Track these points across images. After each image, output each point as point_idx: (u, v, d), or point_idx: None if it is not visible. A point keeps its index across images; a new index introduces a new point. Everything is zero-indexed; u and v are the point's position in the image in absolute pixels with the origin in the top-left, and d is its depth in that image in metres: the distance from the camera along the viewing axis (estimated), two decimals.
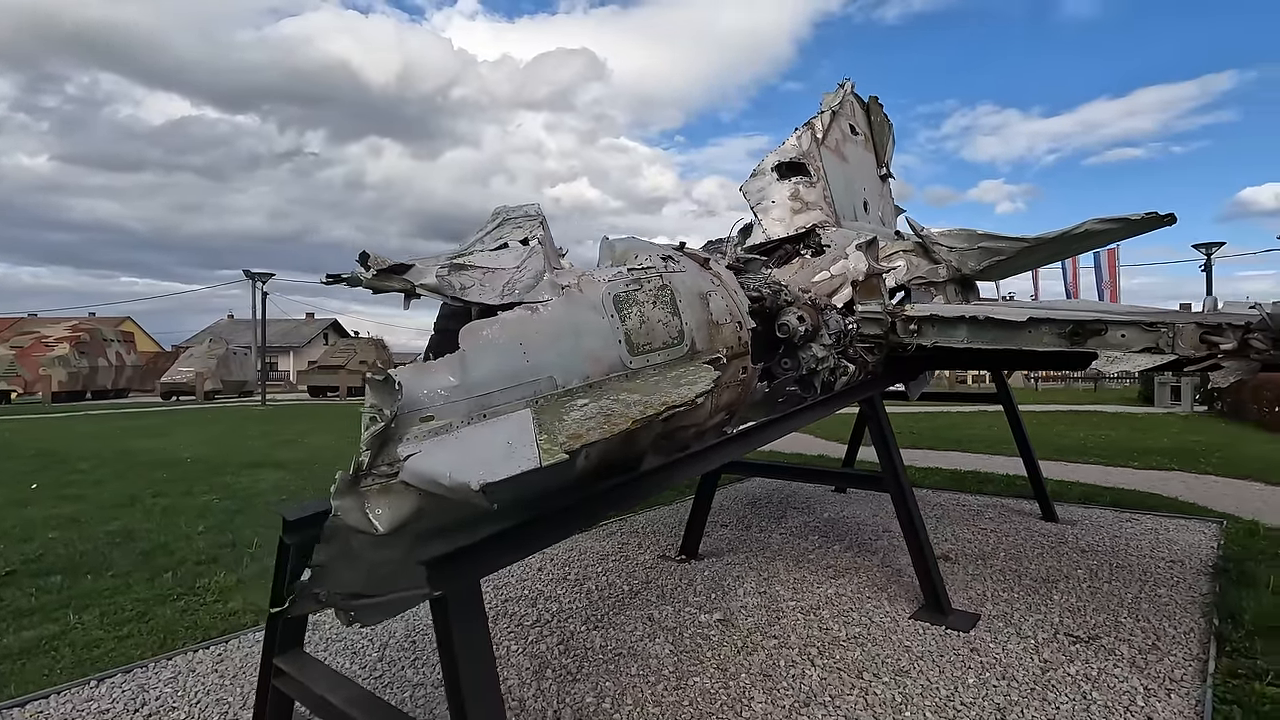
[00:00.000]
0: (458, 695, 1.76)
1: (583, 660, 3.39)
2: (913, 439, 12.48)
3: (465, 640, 1.81)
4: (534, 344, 2.09)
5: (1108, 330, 3.40)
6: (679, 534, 5.59)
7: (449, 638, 1.80)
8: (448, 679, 1.82)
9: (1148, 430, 13.67)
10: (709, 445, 2.98)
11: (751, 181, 5.53)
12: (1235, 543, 5.32)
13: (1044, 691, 3.05)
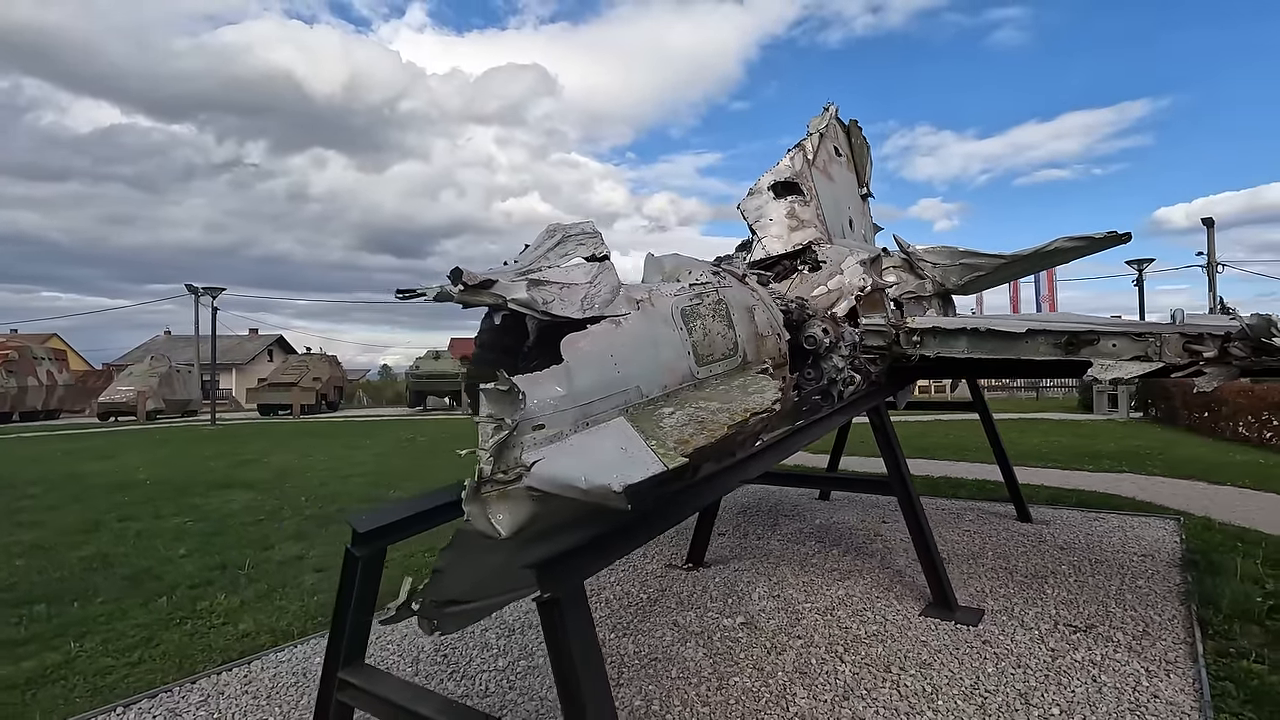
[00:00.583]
0: (577, 696, 1.83)
1: (620, 666, 3.46)
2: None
3: (581, 641, 1.89)
4: (622, 356, 2.19)
5: (1100, 340, 3.69)
6: (677, 543, 5.70)
7: (564, 640, 1.87)
8: (563, 680, 1.88)
9: (1093, 436, 14.48)
10: (752, 453, 3.12)
11: (749, 200, 5.74)
12: (1195, 537, 5.75)
13: (1057, 677, 3.28)
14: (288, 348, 56.74)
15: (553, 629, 1.89)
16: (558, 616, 1.88)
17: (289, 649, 3.87)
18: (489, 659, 3.63)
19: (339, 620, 2.55)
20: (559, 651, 1.89)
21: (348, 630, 2.53)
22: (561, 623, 1.88)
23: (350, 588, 2.53)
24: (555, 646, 1.90)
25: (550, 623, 1.90)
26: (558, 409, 1.93)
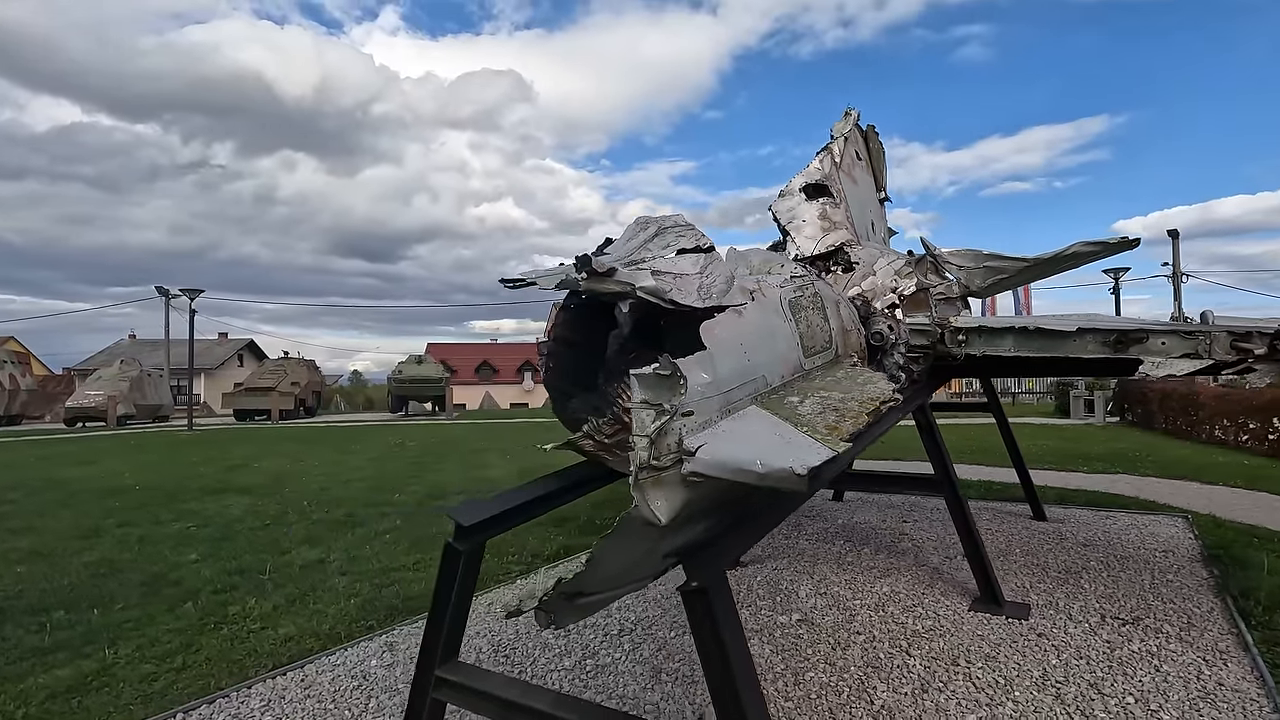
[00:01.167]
0: (730, 685, 1.81)
1: (689, 664, 3.44)
2: (883, 449, 13.08)
3: (730, 630, 1.87)
4: (749, 345, 2.19)
5: (1149, 339, 3.79)
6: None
7: (716, 629, 1.85)
8: (714, 670, 1.86)
9: (1076, 440, 14.84)
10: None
11: (780, 201, 5.78)
12: (1208, 534, 5.91)
13: (1121, 667, 3.34)
14: (259, 352, 55.52)
15: (702, 618, 1.87)
16: (707, 605, 1.86)
17: (340, 652, 3.77)
18: (553, 658, 3.57)
19: (437, 615, 2.49)
20: (710, 641, 1.86)
21: (446, 626, 2.47)
22: (711, 611, 1.86)
23: (451, 582, 2.47)
24: (706, 636, 1.87)
25: (699, 612, 1.88)
26: (704, 396, 1.92)
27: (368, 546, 6.15)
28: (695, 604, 1.88)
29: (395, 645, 3.82)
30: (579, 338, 3.35)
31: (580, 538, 6.20)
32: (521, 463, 12.11)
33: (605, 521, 6.76)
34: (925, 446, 4.50)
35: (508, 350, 61.80)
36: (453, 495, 8.70)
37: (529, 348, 63.18)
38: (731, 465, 1.68)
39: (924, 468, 10.13)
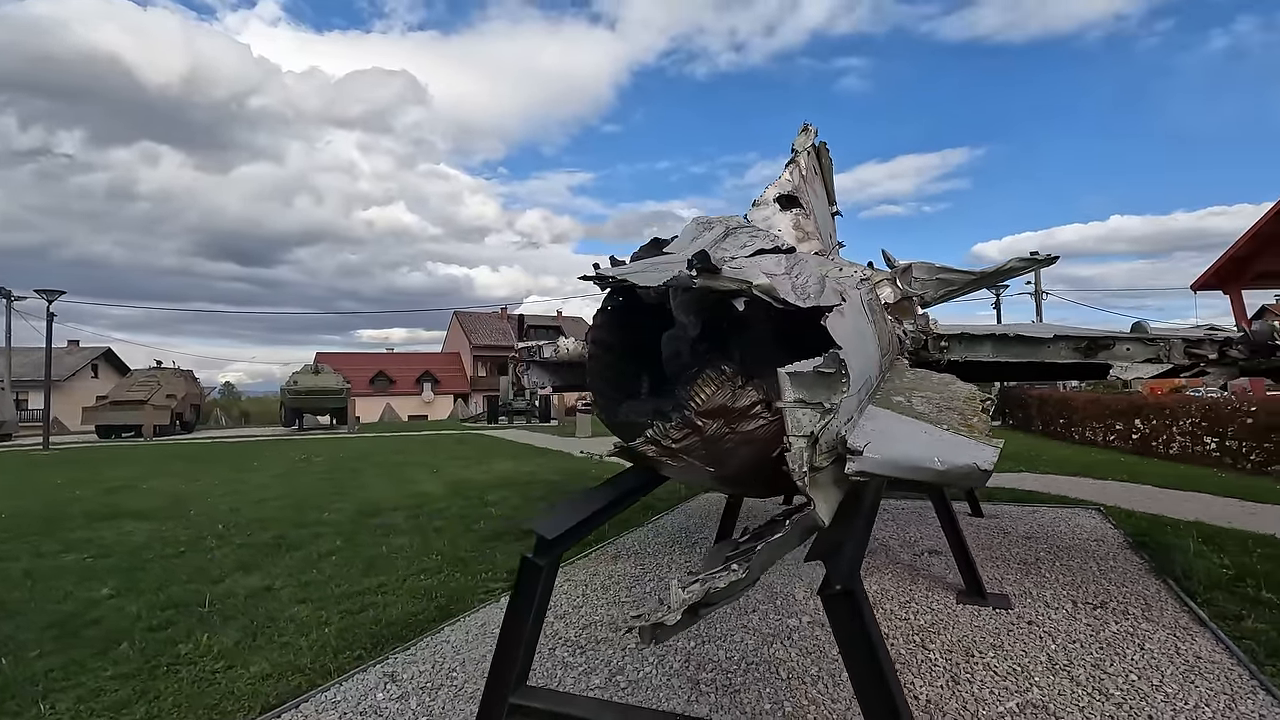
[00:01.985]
0: (883, 687, 1.78)
1: (722, 672, 3.38)
2: None
3: (876, 631, 1.84)
4: (853, 345, 2.18)
5: (1116, 345, 4.16)
6: (686, 553, 5.69)
7: (863, 630, 1.81)
8: (864, 672, 1.82)
9: None
10: None
11: (755, 211, 5.88)
12: (1124, 523, 6.55)
13: (1110, 648, 3.61)
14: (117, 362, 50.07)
15: (849, 621, 1.83)
16: (855, 607, 1.82)
17: (335, 688, 3.41)
18: (579, 676, 3.40)
19: (513, 636, 2.30)
20: (860, 643, 1.82)
21: (522, 649, 2.28)
22: (860, 613, 1.82)
23: (530, 600, 2.29)
24: (854, 638, 1.83)
25: (845, 615, 1.83)
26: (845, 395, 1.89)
27: (315, 570, 5.64)
28: (841, 607, 1.84)
29: (397, 675, 3.51)
30: (615, 340, 3.24)
31: None
32: (449, 476, 11.60)
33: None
34: None
35: (404, 360, 59.20)
36: (388, 512, 8.16)
37: (427, 357, 60.82)
38: (905, 463, 1.66)
39: None
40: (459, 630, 4.12)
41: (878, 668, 1.79)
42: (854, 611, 1.82)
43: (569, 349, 5.15)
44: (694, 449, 2.68)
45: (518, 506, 8.27)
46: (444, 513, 8.01)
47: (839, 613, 1.85)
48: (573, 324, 60.41)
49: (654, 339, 3.44)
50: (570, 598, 4.65)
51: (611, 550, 6.00)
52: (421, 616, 4.39)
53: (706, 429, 2.60)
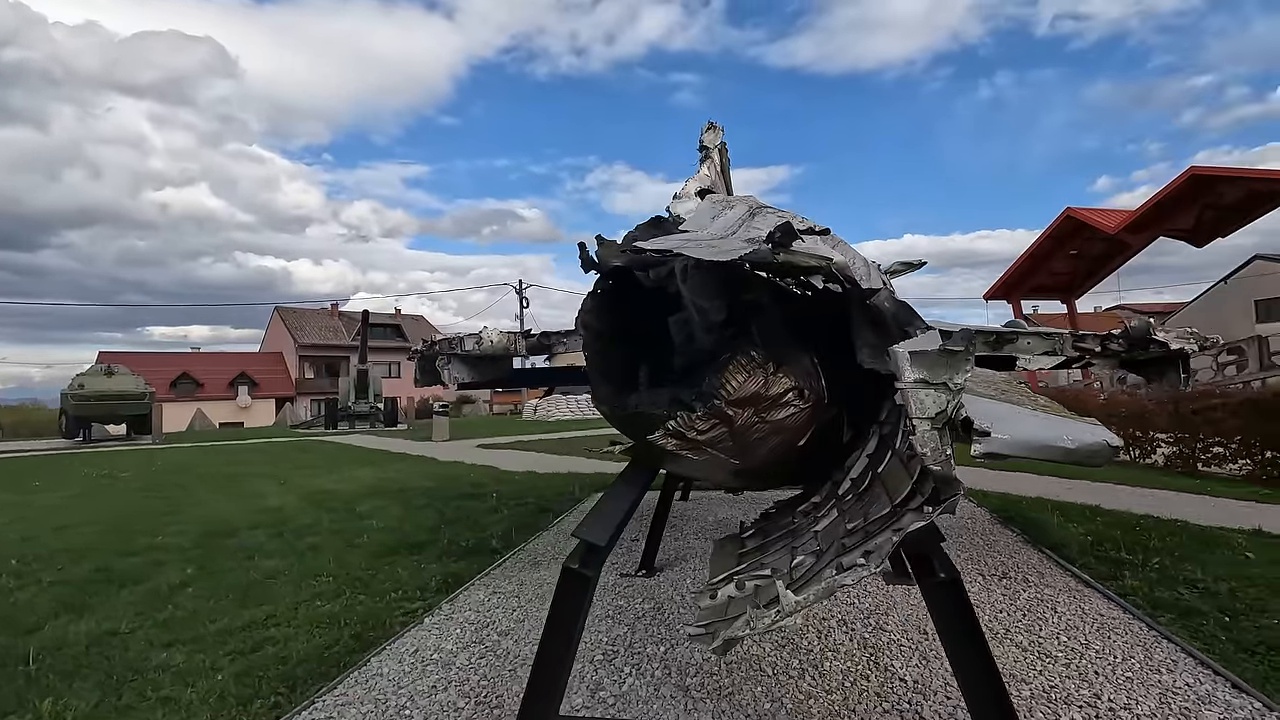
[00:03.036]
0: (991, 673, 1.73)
1: (710, 675, 3.24)
2: None
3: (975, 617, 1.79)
4: None
5: (1019, 339, 4.60)
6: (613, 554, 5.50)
7: (969, 617, 1.76)
8: (971, 660, 1.76)
9: None
10: None
11: (678, 204, 5.77)
12: (984, 501, 7.34)
13: (1033, 613, 3.96)
14: None
15: (956, 608, 1.77)
16: (960, 594, 1.77)
17: None
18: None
19: (554, 659, 1.99)
20: (967, 630, 1.77)
21: (566, 672, 1.99)
22: (965, 602, 1.77)
23: (576, 615, 2.00)
24: (959, 626, 1.78)
25: (952, 603, 1.78)
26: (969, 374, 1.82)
27: (171, 606, 4.70)
28: (947, 595, 1.78)
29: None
30: (604, 326, 2.99)
31: (456, 563, 5.49)
32: (302, 488, 10.35)
33: (471, 543, 6.10)
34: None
35: (213, 361, 52.49)
36: (245, 532, 7.07)
37: (242, 357, 54.45)
38: (1036, 443, 1.63)
39: None
40: (389, 660, 3.60)
41: (986, 654, 1.75)
42: (961, 599, 1.77)
43: (493, 340, 4.74)
44: (720, 440, 2.52)
45: (401, 517, 7.54)
46: (313, 529, 7.09)
47: (947, 601, 1.79)
48: (412, 323, 57.19)
49: (640, 325, 3.24)
50: (507, 611, 4.26)
51: (526, 556, 5.64)
52: (336, 649, 3.79)
53: (737, 419, 2.46)
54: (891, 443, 2.39)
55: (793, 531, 2.72)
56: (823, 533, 2.18)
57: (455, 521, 7.16)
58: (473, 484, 10.09)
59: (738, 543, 2.85)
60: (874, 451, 2.57)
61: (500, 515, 7.45)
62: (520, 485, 9.73)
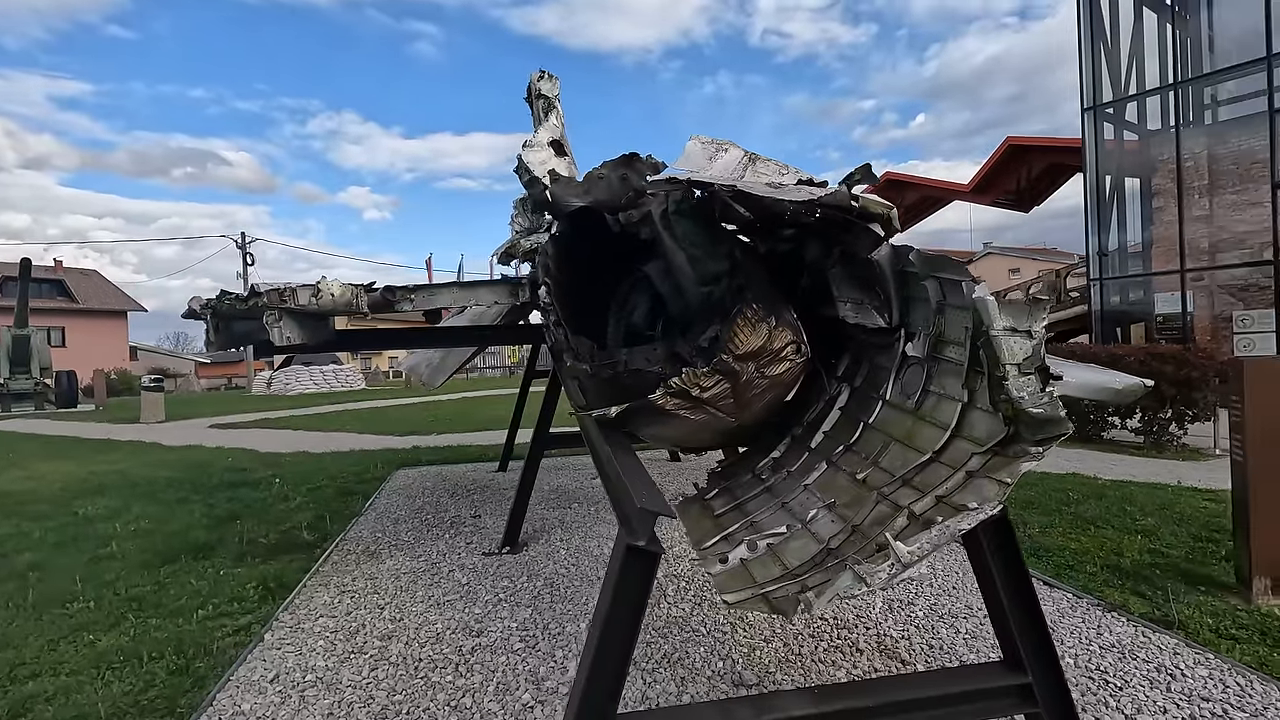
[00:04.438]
0: (1036, 611, 1.88)
1: (655, 642, 3.11)
2: (448, 424, 13.21)
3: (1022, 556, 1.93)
4: None
5: None
6: (439, 537, 5.05)
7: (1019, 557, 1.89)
8: (1022, 603, 1.88)
9: None
10: None
11: (531, 153, 5.31)
12: None
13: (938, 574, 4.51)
14: None
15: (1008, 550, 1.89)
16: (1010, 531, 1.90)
17: None
18: (504, 696, 2.70)
19: (617, 650, 1.72)
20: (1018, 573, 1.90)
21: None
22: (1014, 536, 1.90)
23: (644, 601, 1.74)
24: (1011, 570, 1.90)
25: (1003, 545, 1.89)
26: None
27: None
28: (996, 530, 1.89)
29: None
30: (570, 278, 2.64)
31: (265, 564, 4.56)
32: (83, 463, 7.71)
33: (274, 539, 5.15)
34: None
35: None
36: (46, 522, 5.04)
37: None
38: (1094, 385, 1.79)
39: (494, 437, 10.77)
40: (245, 694, 2.83)
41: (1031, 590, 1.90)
42: (1010, 535, 1.89)
43: (334, 294, 3.93)
44: (722, 398, 2.39)
45: (158, 517, 6.02)
46: (18, 542, 5.34)
47: (997, 543, 1.90)
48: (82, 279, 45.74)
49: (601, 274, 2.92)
50: (373, 612, 3.63)
51: (353, 546, 4.88)
52: (152, 694, 2.88)
53: (742, 374, 2.34)
54: (876, 391, 2.48)
55: (770, 489, 2.70)
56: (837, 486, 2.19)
57: (238, 515, 5.93)
58: (234, 470, 8.46)
59: (704, 505, 2.76)
60: (847, 403, 2.65)
61: (294, 503, 6.36)
62: (299, 468, 8.41)
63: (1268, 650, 2.91)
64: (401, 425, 13.61)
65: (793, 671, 2.85)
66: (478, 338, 5.41)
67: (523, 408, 7.81)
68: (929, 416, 2.17)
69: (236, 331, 4.73)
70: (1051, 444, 1.67)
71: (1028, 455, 1.68)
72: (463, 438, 11.42)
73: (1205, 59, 14.38)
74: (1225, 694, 2.57)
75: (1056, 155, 20.28)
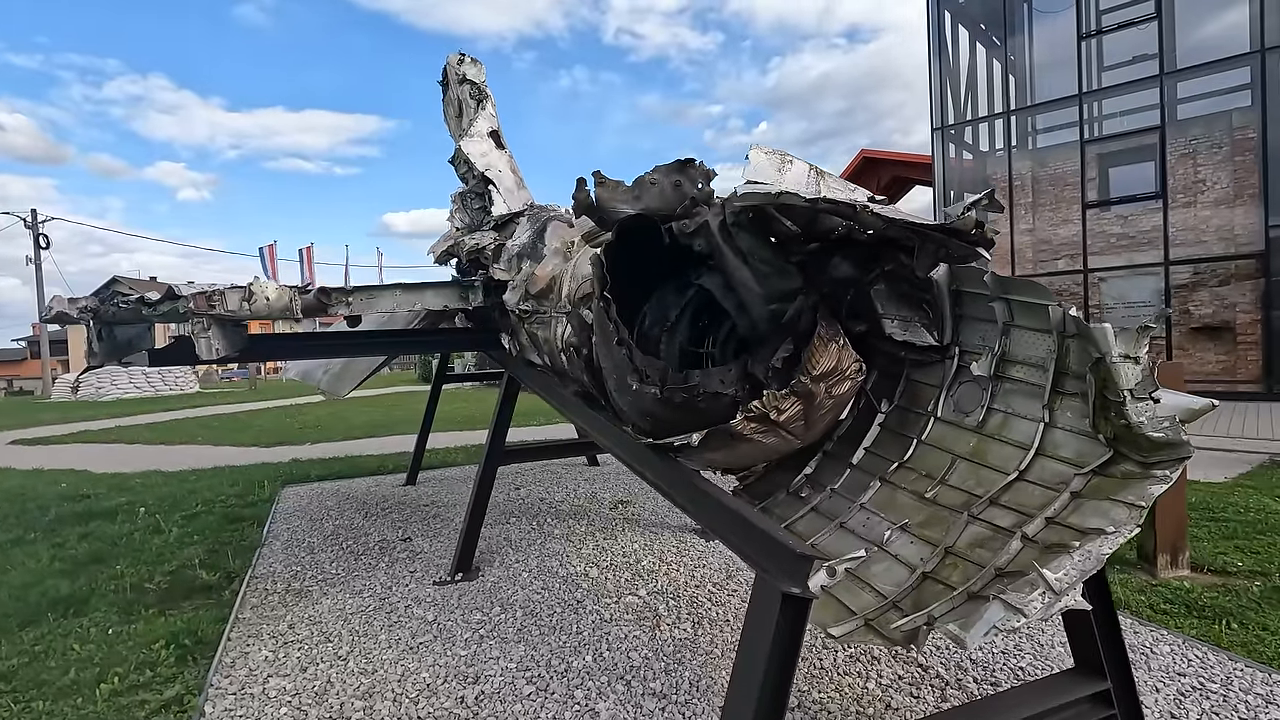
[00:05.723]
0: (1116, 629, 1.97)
1: (642, 676, 2.96)
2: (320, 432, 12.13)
3: None
4: None
5: None
6: (408, 564, 4.60)
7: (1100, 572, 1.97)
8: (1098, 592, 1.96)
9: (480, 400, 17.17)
10: None
11: (472, 144, 4.93)
12: None
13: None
14: None
15: None
16: None
17: None
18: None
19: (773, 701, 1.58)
20: (1094, 583, 1.98)
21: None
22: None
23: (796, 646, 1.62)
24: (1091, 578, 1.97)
25: None
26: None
27: None
28: None
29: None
30: (626, 293, 2.41)
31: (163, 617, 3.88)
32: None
33: (161, 582, 4.42)
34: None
35: None
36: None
37: None
38: (1180, 407, 1.89)
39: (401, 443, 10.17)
40: None
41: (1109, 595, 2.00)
42: None
43: (269, 298, 3.38)
44: (794, 420, 2.30)
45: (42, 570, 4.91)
46: None
47: None
48: None
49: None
50: (336, 665, 3.16)
51: (269, 584, 4.26)
52: None
53: (816, 395, 2.27)
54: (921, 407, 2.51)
55: (817, 509, 2.65)
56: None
57: (103, 556, 4.99)
58: (72, 498, 7.12)
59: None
60: (887, 419, 2.67)
61: (171, 536, 5.46)
62: (160, 491, 7.26)
63: (1203, 623, 3.33)
64: (266, 435, 12.22)
65: (824, 685, 2.84)
66: (422, 344, 4.90)
67: (433, 414, 7.27)
68: (999, 435, 2.22)
69: (120, 339, 3.96)
70: (1178, 466, 1.75)
71: (1154, 478, 1.75)
72: (344, 447, 10.47)
73: (1028, 92, 16.46)
74: (1193, 668, 2.89)
75: (903, 169, 22.38)
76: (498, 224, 4.61)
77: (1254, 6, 12.59)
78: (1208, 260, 13.28)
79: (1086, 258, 14.78)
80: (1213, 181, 13.25)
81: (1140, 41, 14.12)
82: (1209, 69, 13.39)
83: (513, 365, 4.26)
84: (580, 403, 3.26)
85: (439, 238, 5.08)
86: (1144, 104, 14.17)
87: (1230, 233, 13.04)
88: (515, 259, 4.09)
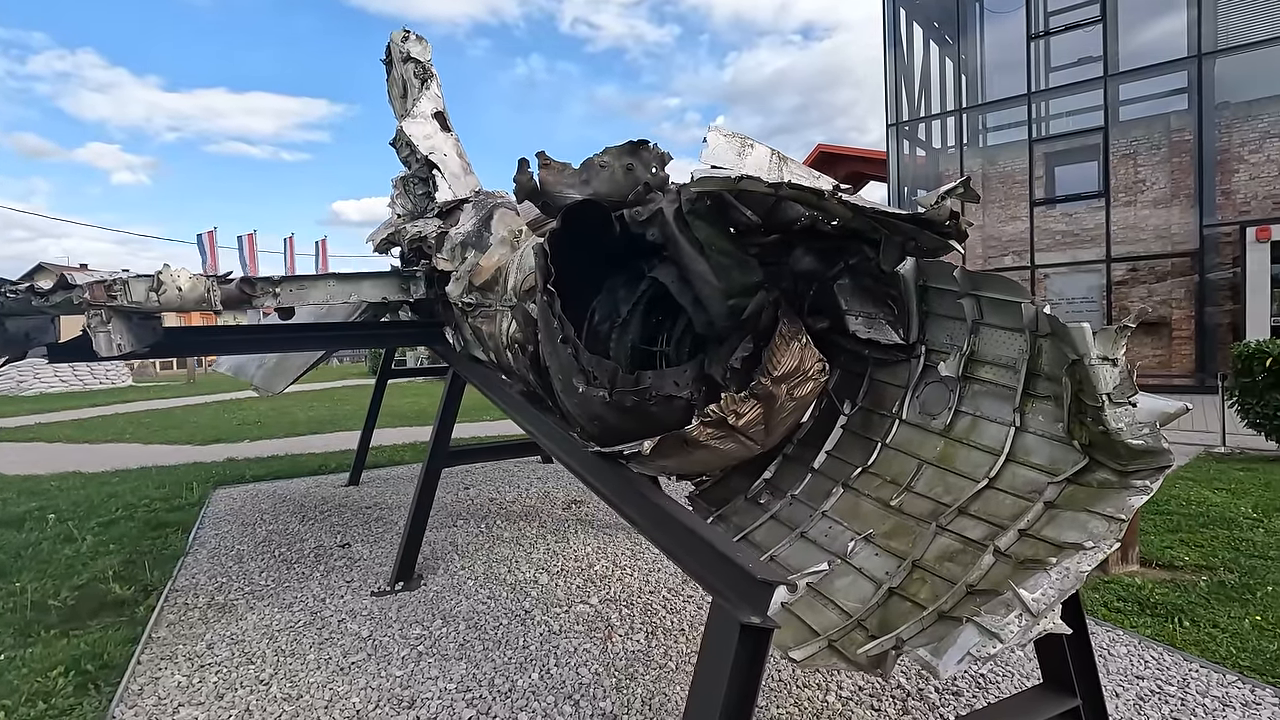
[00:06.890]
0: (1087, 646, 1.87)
1: (601, 679, 2.78)
2: (261, 429, 11.62)
3: None
4: None
5: None
6: (306, 579, 4.31)
7: None
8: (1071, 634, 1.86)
9: (430, 394, 16.68)
10: None
11: (413, 125, 4.63)
12: None
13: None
14: None
15: None
16: None
17: None
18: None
19: None
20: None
21: None
22: None
23: (757, 678, 1.45)
24: None
25: None
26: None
27: None
28: None
29: None
30: (573, 285, 2.21)
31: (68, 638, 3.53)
32: None
33: (69, 597, 4.06)
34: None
35: None
36: None
37: None
38: (1156, 411, 1.79)
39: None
40: None
41: (1081, 611, 1.89)
42: None
43: (182, 287, 3.06)
44: (753, 425, 2.14)
45: None
46: None
47: None
48: None
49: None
50: (256, 691, 2.89)
51: (191, 598, 3.94)
52: None
53: (777, 398, 2.11)
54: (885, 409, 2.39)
55: (776, 517, 2.51)
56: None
57: (3, 570, 4.56)
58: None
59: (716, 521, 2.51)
60: (849, 420, 2.54)
61: (84, 545, 5.04)
62: (77, 495, 6.74)
63: (1156, 621, 3.32)
64: (202, 432, 11.59)
65: (783, 699, 2.71)
66: (361, 338, 4.59)
67: (377, 411, 6.94)
68: (968, 439, 2.11)
69: (14, 332, 3.57)
70: (1159, 476, 1.64)
71: (1133, 489, 1.64)
72: (286, 444, 9.99)
73: (979, 91, 16.75)
74: (1150, 670, 2.86)
75: (858, 164, 22.60)
76: (442, 211, 4.34)
77: (1192, 12, 13.01)
78: (1146, 258, 13.74)
79: (1034, 254, 15.14)
80: (1151, 182, 13.70)
81: (1086, 44, 14.49)
82: (1149, 72, 13.81)
83: (457, 362, 4.01)
84: (526, 404, 3.05)
85: (380, 225, 4.77)
86: (1089, 105, 14.56)
87: (1167, 231, 13.51)
88: (459, 248, 3.84)
